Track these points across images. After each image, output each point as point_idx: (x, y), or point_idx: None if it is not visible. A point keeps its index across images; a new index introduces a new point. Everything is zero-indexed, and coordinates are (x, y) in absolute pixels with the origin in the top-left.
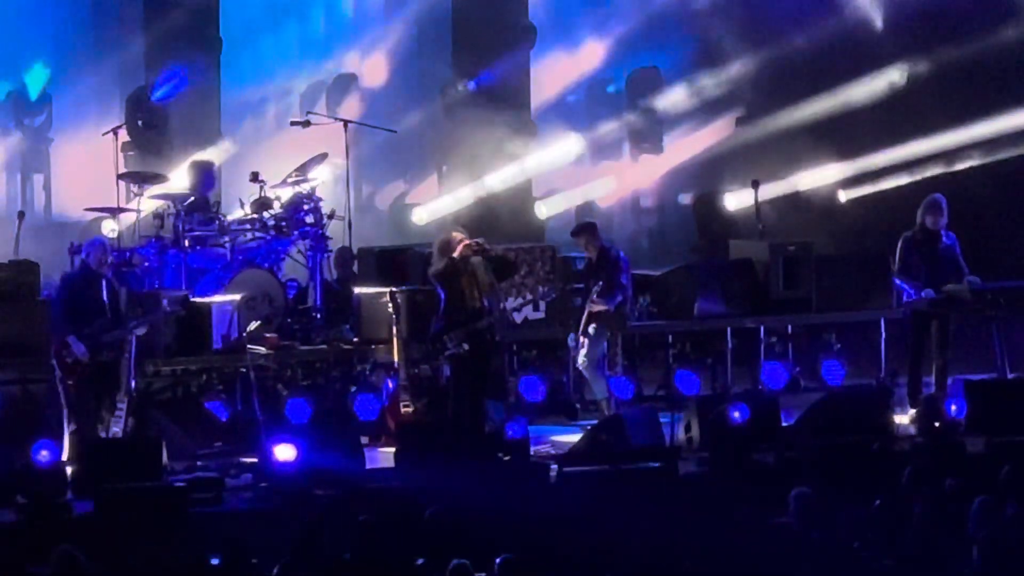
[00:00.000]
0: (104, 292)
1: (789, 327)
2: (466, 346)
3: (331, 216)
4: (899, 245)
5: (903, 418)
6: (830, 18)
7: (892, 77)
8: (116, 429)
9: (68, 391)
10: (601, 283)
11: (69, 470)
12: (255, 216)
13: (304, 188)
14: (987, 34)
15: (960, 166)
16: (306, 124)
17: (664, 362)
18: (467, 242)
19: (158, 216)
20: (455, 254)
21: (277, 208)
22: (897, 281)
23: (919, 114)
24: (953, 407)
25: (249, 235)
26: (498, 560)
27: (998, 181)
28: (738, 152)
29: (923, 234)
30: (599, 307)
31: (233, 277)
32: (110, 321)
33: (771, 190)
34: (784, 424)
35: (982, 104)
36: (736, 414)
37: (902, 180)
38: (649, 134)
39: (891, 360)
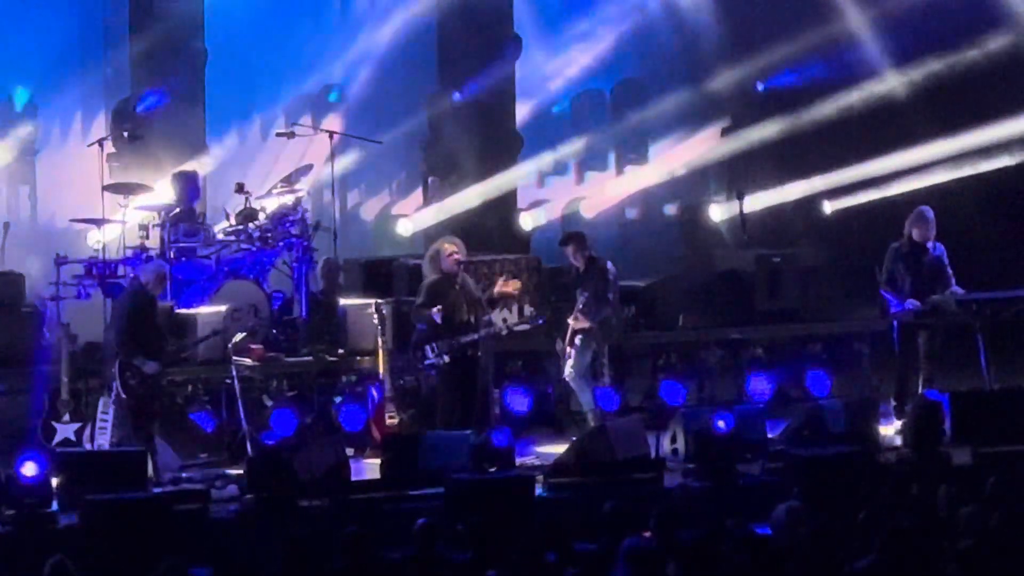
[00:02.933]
0: (157, 315)
1: (774, 338)
2: (446, 358)
3: (316, 227)
4: (886, 256)
5: (889, 429)
6: (815, 28)
7: (883, 87)
8: (102, 441)
9: (129, 413)
10: (587, 296)
11: (54, 482)
12: (240, 227)
13: (289, 199)
14: (972, 46)
15: (945, 177)
16: (291, 135)
17: (650, 373)
18: (457, 256)
19: (143, 227)
20: (444, 267)
21: (262, 219)
22: (882, 292)
23: (904, 125)
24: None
25: (234, 246)
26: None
27: (983, 192)
28: (723, 163)
29: (910, 246)
30: (582, 324)
31: (218, 288)
32: (170, 342)
33: (756, 201)
34: (770, 435)
35: (967, 115)
36: (721, 423)
37: (887, 191)
38: (634, 145)
39: (877, 371)
